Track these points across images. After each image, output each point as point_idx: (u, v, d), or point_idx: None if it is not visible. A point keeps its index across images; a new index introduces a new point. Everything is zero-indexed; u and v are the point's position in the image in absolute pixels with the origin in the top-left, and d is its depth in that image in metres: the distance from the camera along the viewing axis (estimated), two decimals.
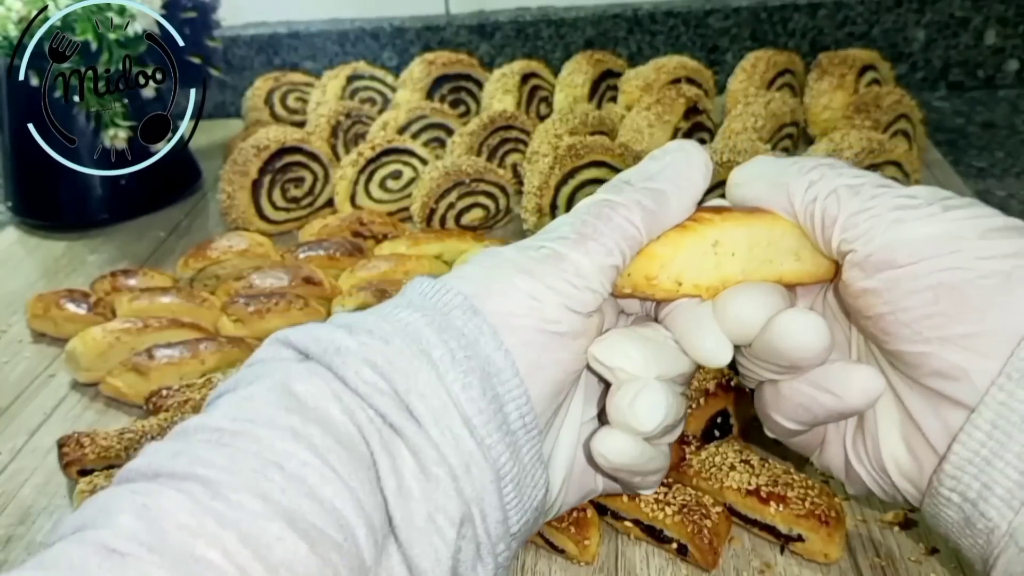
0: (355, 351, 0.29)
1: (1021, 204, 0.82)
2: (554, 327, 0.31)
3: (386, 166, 0.85)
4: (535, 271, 0.31)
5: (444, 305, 0.30)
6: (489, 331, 0.30)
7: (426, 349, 0.29)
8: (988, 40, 1.09)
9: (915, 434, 0.32)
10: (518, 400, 0.30)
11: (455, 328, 0.30)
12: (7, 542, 0.51)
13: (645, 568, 0.46)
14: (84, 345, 0.63)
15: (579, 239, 0.32)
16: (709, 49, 1.13)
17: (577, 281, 0.31)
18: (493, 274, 0.32)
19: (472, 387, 0.29)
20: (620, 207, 0.32)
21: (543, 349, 0.31)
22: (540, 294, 0.31)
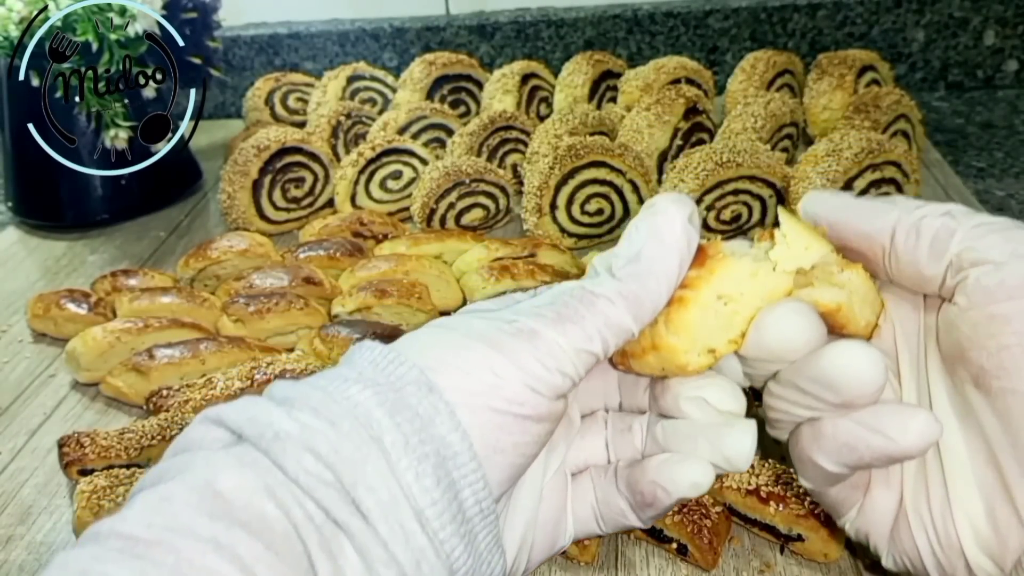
0: (296, 436, 0.26)
1: (1020, 204, 0.82)
2: (516, 408, 0.28)
3: (386, 166, 0.85)
4: (503, 345, 0.28)
5: (397, 379, 0.27)
6: (446, 410, 0.27)
7: (377, 435, 0.26)
8: (987, 40, 1.10)
9: (1003, 503, 0.28)
10: (475, 486, 0.27)
11: (409, 407, 0.27)
12: (7, 542, 0.51)
13: (645, 568, 0.46)
14: (84, 345, 0.63)
15: (557, 319, 0.29)
16: (709, 50, 1.13)
17: (549, 362, 0.28)
18: (453, 345, 0.29)
19: (426, 476, 0.26)
20: (602, 297, 0.29)
21: (503, 431, 0.28)
22: (504, 371, 0.28)
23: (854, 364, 0.28)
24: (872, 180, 0.74)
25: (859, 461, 0.30)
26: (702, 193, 0.74)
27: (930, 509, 0.30)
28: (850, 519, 0.33)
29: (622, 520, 0.33)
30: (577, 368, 0.29)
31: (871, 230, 0.31)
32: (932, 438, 0.28)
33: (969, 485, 0.29)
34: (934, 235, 0.29)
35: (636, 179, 0.78)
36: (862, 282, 0.30)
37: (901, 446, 0.28)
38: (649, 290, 0.29)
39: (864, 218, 0.31)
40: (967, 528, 0.29)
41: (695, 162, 0.74)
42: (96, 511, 0.48)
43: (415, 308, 0.66)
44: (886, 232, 0.30)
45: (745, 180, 0.75)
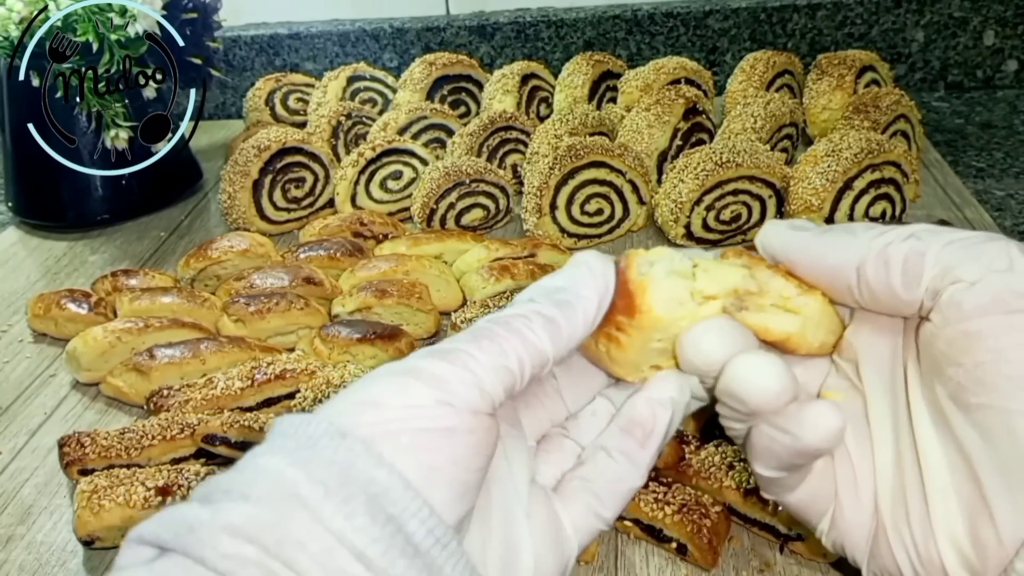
0: (208, 522, 0.24)
1: (1020, 204, 0.82)
2: (439, 423, 0.27)
3: (386, 166, 0.85)
4: (416, 370, 0.27)
5: (308, 439, 0.26)
6: (362, 450, 0.25)
7: (292, 490, 0.25)
8: (987, 41, 1.10)
9: (984, 521, 0.28)
10: (419, 515, 0.25)
11: (323, 459, 0.25)
12: (7, 542, 0.51)
13: (645, 567, 0.46)
14: (85, 345, 0.63)
15: (472, 338, 0.28)
16: (708, 50, 1.14)
17: (465, 376, 0.27)
18: (363, 386, 0.28)
19: (357, 515, 0.24)
20: (519, 316, 0.29)
21: (433, 450, 0.26)
22: (417, 392, 0.27)
23: (752, 376, 0.29)
24: (872, 180, 0.74)
25: (780, 462, 0.31)
26: (702, 193, 0.74)
27: (910, 527, 0.30)
28: (823, 531, 0.33)
29: (620, 485, 0.32)
30: (495, 385, 0.28)
31: (834, 266, 0.30)
32: (832, 428, 0.29)
33: (949, 503, 0.29)
34: (904, 262, 0.29)
35: (636, 179, 0.78)
36: (819, 307, 0.31)
37: (804, 441, 0.29)
38: (567, 317, 0.29)
39: (825, 255, 0.31)
40: (948, 546, 0.29)
41: (695, 162, 0.75)
42: (96, 511, 0.48)
43: (415, 308, 0.66)
44: (851, 267, 0.30)
45: (745, 180, 0.75)
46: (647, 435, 0.32)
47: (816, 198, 0.73)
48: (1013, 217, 0.80)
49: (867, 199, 0.74)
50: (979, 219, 0.78)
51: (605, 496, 0.32)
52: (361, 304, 0.66)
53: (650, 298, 0.30)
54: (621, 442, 0.32)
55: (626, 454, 0.32)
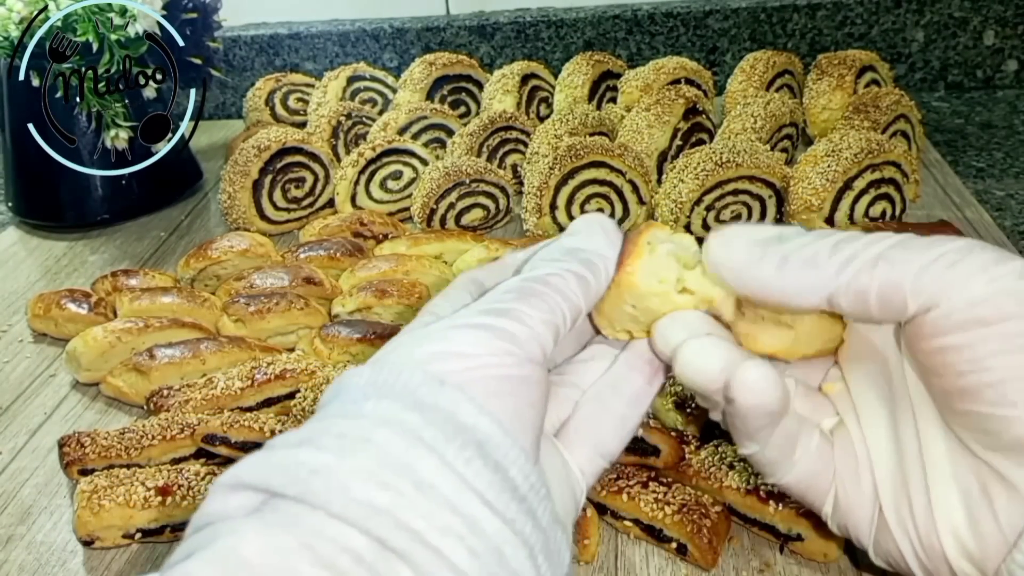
0: (334, 465, 0.24)
1: (1020, 204, 0.82)
2: (519, 371, 0.28)
3: (386, 166, 0.85)
4: (486, 324, 0.28)
5: (404, 386, 0.26)
6: (463, 398, 0.26)
7: (416, 433, 0.25)
8: (987, 40, 1.10)
9: (985, 511, 0.29)
10: (518, 462, 0.26)
11: (430, 406, 0.25)
12: (7, 542, 0.51)
13: (645, 567, 0.46)
14: (85, 345, 0.63)
15: (521, 296, 0.29)
16: (708, 50, 1.14)
17: (524, 331, 0.28)
18: (440, 335, 0.28)
19: (474, 461, 0.25)
20: (556, 276, 0.30)
21: (518, 395, 0.28)
22: (495, 344, 0.28)
23: (693, 359, 0.30)
24: (872, 180, 0.74)
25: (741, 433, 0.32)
26: (702, 193, 0.74)
27: (912, 515, 0.31)
28: (828, 514, 0.34)
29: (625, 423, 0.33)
30: (546, 338, 0.29)
31: (799, 302, 0.30)
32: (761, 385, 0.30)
33: (950, 491, 0.30)
34: (880, 295, 0.29)
35: (636, 179, 0.78)
36: (814, 321, 0.31)
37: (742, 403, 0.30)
38: (595, 275, 0.31)
39: (788, 293, 0.30)
40: (949, 536, 0.30)
41: (695, 162, 0.75)
42: (96, 511, 0.48)
43: (415, 308, 0.66)
44: (819, 301, 0.30)
45: (745, 180, 0.75)
46: (655, 372, 0.33)
47: (816, 198, 0.73)
48: (1013, 217, 0.80)
49: (867, 199, 0.74)
50: (979, 219, 0.78)
51: (609, 436, 0.33)
52: (361, 304, 0.66)
53: (637, 264, 0.31)
54: (628, 380, 0.33)
55: (633, 392, 0.33)
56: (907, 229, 0.69)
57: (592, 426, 0.33)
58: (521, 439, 0.27)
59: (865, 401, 0.33)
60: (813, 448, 0.33)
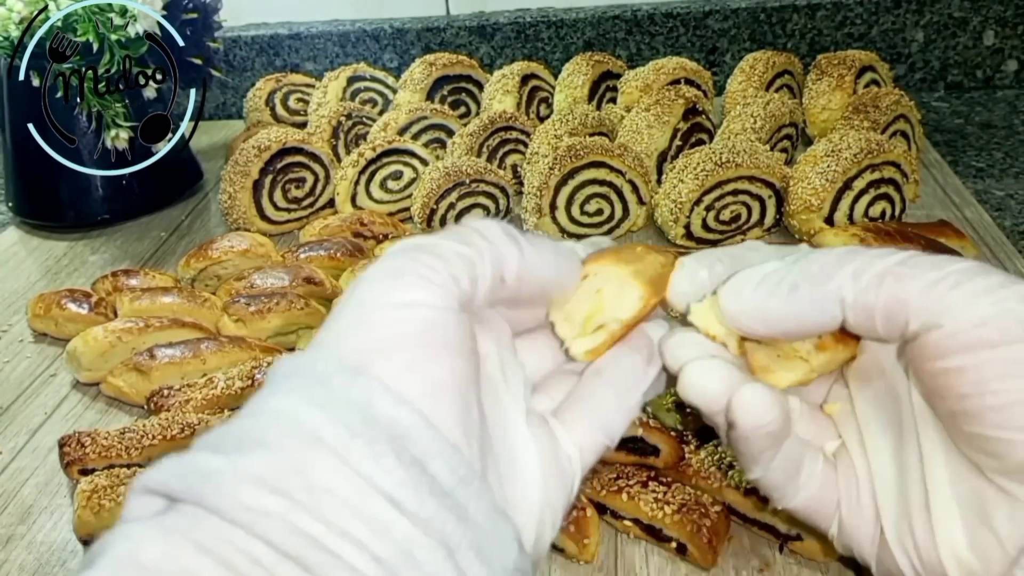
0: (226, 470, 0.23)
1: (1020, 204, 0.82)
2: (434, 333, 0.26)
3: (387, 167, 0.85)
4: (398, 268, 0.27)
5: (319, 377, 0.25)
6: (379, 388, 0.25)
7: (314, 433, 0.23)
8: (987, 41, 1.10)
9: (985, 532, 0.29)
10: (443, 454, 0.25)
11: (340, 398, 0.24)
12: (7, 542, 0.51)
13: (645, 567, 0.46)
14: (85, 345, 0.63)
15: (448, 233, 0.29)
16: (708, 50, 1.14)
17: (437, 264, 0.27)
18: (355, 310, 0.27)
19: (385, 457, 0.23)
20: (492, 228, 0.29)
21: (433, 360, 0.26)
22: (411, 290, 0.27)
23: (694, 381, 0.31)
24: (871, 180, 0.74)
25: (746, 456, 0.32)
26: (701, 193, 0.74)
27: (912, 534, 0.31)
28: (833, 535, 0.34)
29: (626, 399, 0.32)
30: (462, 273, 0.27)
31: (810, 328, 0.30)
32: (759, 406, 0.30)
33: (951, 510, 0.30)
34: (886, 311, 0.28)
35: (636, 179, 0.78)
36: (830, 357, 0.31)
37: (742, 425, 0.30)
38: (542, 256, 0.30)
39: (801, 319, 0.30)
40: (950, 555, 0.30)
41: (694, 162, 0.75)
42: (97, 511, 0.48)
43: None
44: (830, 324, 0.30)
45: (744, 180, 0.75)
46: (653, 352, 0.32)
47: (816, 198, 0.73)
48: (1013, 217, 0.80)
49: (867, 199, 0.74)
50: (979, 219, 0.78)
51: (611, 410, 0.32)
52: None
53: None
54: (629, 357, 0.32)
55: (632, 367, 0.32)
56: (907, 229, 0.69)
57: (592, 400, 0.32)
58: (440, 414, 0.25)
59: (869, 420, 0.33)
60: (818, 473, 0.33)
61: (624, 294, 0.31)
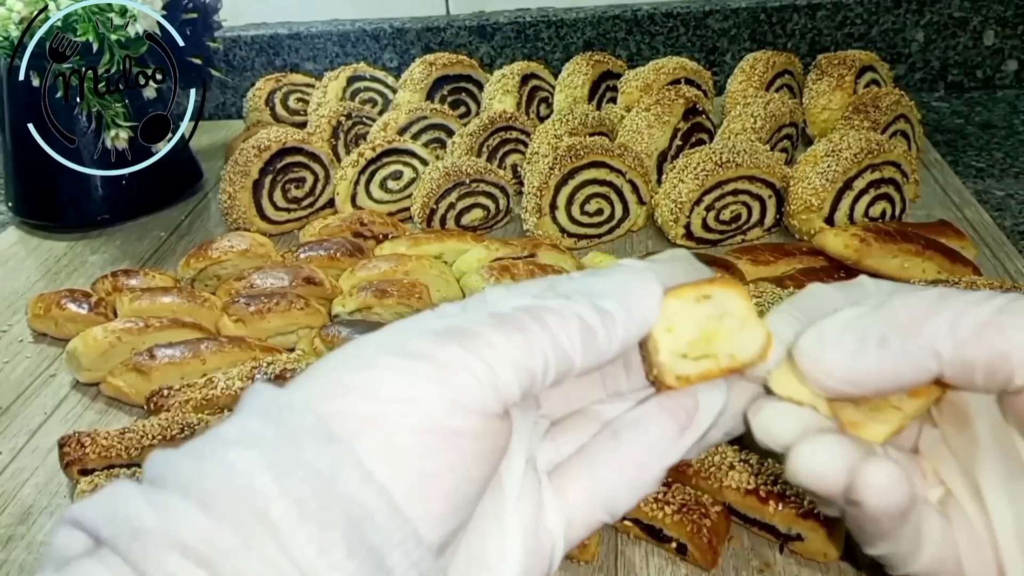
0: (158, 531, 0.21)
1: (1020, 204, 0.82)
2: (443, 423, 0.23)
3: (387, 167, 0.85)
4: (421, 354, 0.23)
5: (291, 430, 0.22)
6: (352, 462, 0.22)
7: (262, 508, 0.21)
8: (987, 41, 1.10)
9: None
10: (404, 546, 0.22)
11: (305, 465, 0.22)
12: (7, 542, 0.51)
13: (645, 567, 0.46)
14: (85, 345, 0.63)
15: (498, 323, 0.24)
16: (708, 50, 1.14)
17: (479, 369, 0.23)
18: (357, 365, 0.24)
19: (334, 548, 0.21)
20: (555, 313, 0.25)
21: (431, 455, 0.23)
22: (421, 385, 0.23)
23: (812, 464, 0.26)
24: (871, 180, 0.74)
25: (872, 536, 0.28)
26: (701, 193, 0.74)
27: None
28: None
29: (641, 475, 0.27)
30: (511, 384, 0.24)
31: (907, 385, 0.27)
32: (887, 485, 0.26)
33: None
34: (987, 366, 0.25)
35: (636, 179, 0.78)
36: (924, 401, 0.29)
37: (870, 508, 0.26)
38: (608, 330, 0.25)
39: (898, 376, 0.26)
40: None
41: (695, 162, 0.75)
42: None
43: (415, 308, 0.66)
44: (926, 379, 0.27)
45: (744, 180, 0.75)
46: (690, 419, 0.27)
47: (816, 198, 0.73)
48: (1013, 217, 0.80)
49: (867, 199, 0.74)
50: (979, 219, 0.78)
51: (618, 485, 0.27)
52: (361, 304, 0.66)
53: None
54: (659, 422, 0.27)
55: (660, 438, 0.27)
56: (907, 229, 0.69)
57: (599, 467, 0.27)
58: (420, 506, 0.23)
59: (973, 463, 0.29)
60: (937, 531, 0.29)
61: (747, 333, 0.27)
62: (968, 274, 0.65)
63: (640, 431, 0.27)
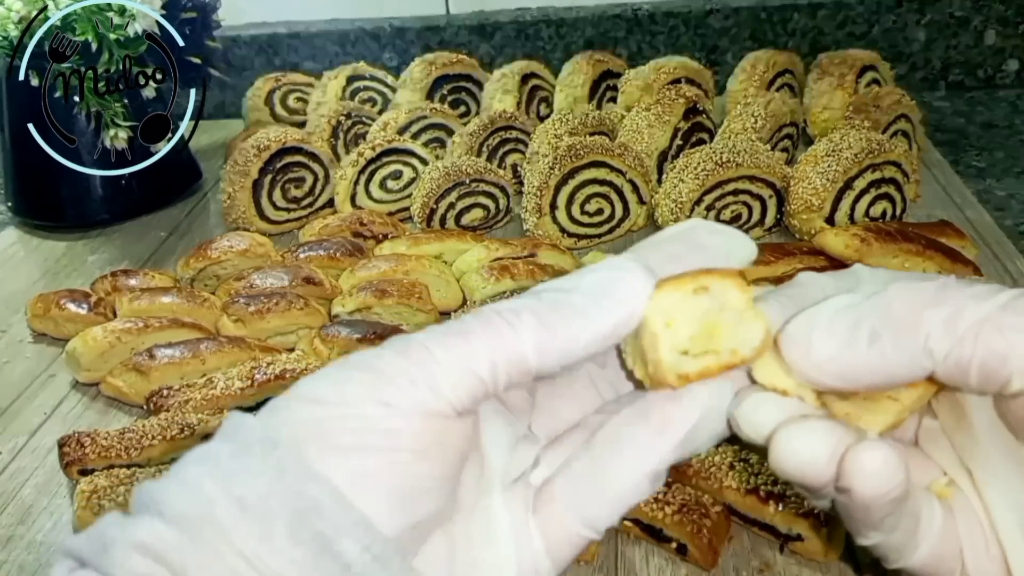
0: (122, 539, 0.23)
1: (1020, 204, 0.82)
2: (377, 424, 0.24)
3: (386, 166, 0.85)
4: (361, 364, 0.25)
5: (243, 445, 0.24)
6: (292, 461, 0.23)
7: (207, 509, 0.23)
8: (988, 40, 1.09)
9: None
10: (353, 531, 0.23)
11: (250, 470, 0.23)
12: (7, 542, 0.51)
13: (645, 567, 0.46)
14: (85, 345, 0.63)
15: (444, 332, 0.25)
16: (709, 49, 1.13)
17: (416, 374, 0.24)
18: (311, 379, 0.25)
19: (275, 536, 0.22)
20: (507, 311, 0.25)
21: (369, 453, 0.24)
22: (354, 390, 0.24)
23: (797, 451, 0.25)
24: (872, 180, 0.74)
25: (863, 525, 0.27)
26: (702, 193, 0.74)
27: None
28: None
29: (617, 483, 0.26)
30: (455, 387, 0.24)
31: (906, 381, 0.26)
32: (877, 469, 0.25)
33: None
34: (982, 367, 0.24)
35: (636, 179, 0.78)
36: (923, 391, 0.27)
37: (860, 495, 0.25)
38: (566, 324, 0.25)
39: (890, 374, 0.25)
40: None
41: (695, 162, 0.74)
42: (96, 511, 0.48)
43: (415, 308, 0.66)
44: (918, 376, 0.25)
45: (745, 180, 0.75)
46: (665, 423, 0.26)
47: (816, 198, 0.73)
48: (1014, 217, 0.80)
49: (867, 199, 0.74)
50: (979, 219, 0.78)
51: (594, 500, 0.26)
52: (361, 304, 0.66)
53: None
54: (631, 427, 0.26)
55: (631, 445, 0.26)
56: (908, 229, 0.69)
57: (575, 483, 0.27)
58: (365, 501, 0.23)
59: (974, 453, 0.28)
60: (938, 522, 0.28)
61: (746, 326, 0.26)
62: (969, 274, 0.65)
63: (612, 440, 0.26)
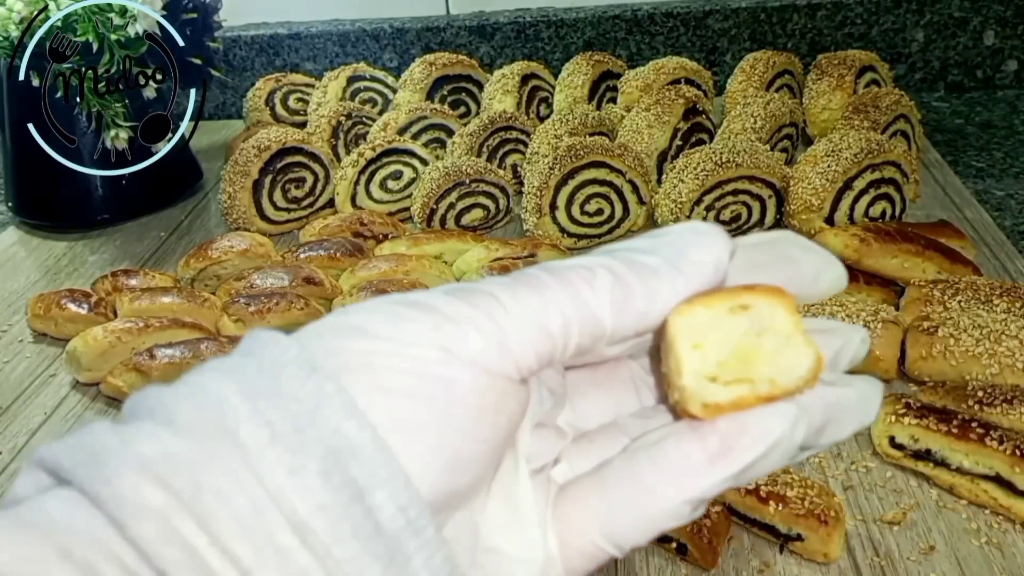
0: (115, 450, 0.19)
1: (1020, 204, 0.82)
2: (436, 369, 0.20)
3: (387, 166, 0.85)
4: (421, 303, 0.21)
5: (272, 363, 0.20)
6: (333, 391, 0.20)
7: (230, 425, 0.19)
8: (987, 41, 1.10)
9: None
10: (392, 484, 0.19)
11: (283, 392, 0.20)
12: None
13: (645, 567, 0.46)
14: (85, 345, 0.63)
15: (510, 282, 0.22)
16: (708, 50, 1.14)
17: (484, 324, 0.21)
18: (356, 311, 0.22)
19: (305, 471, 0.19)
20: (580, 268, 0.22)
21: (422, 401, 0.20)
22: (413, 329, 0.21)
23: None
24: (871, 180, 0.74)
25: None
26: (701, 193, 0.74)
27: None
28: None
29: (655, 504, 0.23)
30: (522, 345, 0.21)
31: None
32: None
33: None
34: None
35: (636, 179, 0.78)
36: None
37: None
38: (645, 282, 0.22)
39: None
40: None
41: (694, 162, 0.75)
42: None
43: None
44: None
45: (744, 180, 0.75)
46: (726, 450, 0.22)
47: (816, 198, 0.73)
48: (1013, 217, 0.80)
49: (867, 199, 0.74)
50: (979, 219, 0.78)
51: (624, 518, 0.23)
52: None
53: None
54: (682, 444, 0.23)
55: (680, 464, 0.22)
56: (907, 229, 0.69)
57: (605, 491, 0.23)
58: (407, 455, 0.20)
59: None
60: None
61: (792, 353, 0.22)
62: (968, 274, 0.65)
63: (657, 453, 0.23)
